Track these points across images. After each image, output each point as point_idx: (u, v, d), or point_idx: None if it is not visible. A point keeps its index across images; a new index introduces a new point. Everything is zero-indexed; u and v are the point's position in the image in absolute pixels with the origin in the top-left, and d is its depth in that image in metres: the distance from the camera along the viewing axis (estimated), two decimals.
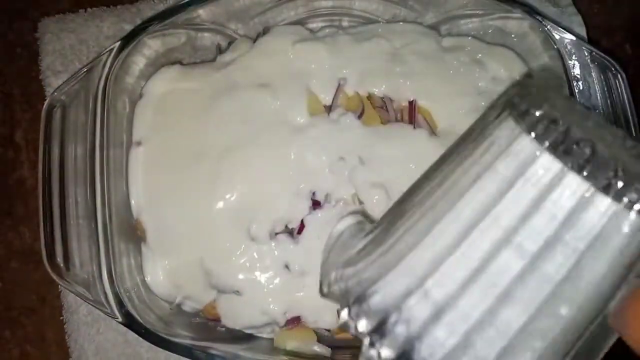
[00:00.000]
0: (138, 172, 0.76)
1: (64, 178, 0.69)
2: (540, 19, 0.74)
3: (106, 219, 0.68)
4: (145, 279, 0.74)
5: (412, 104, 0.78)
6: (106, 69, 0.70)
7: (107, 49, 0.71)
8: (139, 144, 0.77)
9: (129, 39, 0.72)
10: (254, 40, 0.82)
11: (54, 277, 0.66)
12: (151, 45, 0.77)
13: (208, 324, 0.75)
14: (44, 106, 0.70)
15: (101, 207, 0.68)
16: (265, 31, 0.82)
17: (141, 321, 0.66)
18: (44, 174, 0.68)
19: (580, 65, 0.73)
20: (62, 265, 0.67)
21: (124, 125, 0.76)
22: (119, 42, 0.71)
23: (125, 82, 0.76)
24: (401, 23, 0.83)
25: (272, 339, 0.75)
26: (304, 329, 0.74)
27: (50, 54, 0.87)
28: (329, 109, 0.78)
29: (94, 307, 0.67)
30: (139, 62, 0.77)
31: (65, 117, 0.70)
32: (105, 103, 0.70)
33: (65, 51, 0.87)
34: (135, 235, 0.76)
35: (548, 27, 0.74)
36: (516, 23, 0.78)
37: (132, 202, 0.76)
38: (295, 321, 0.73)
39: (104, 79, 0.70)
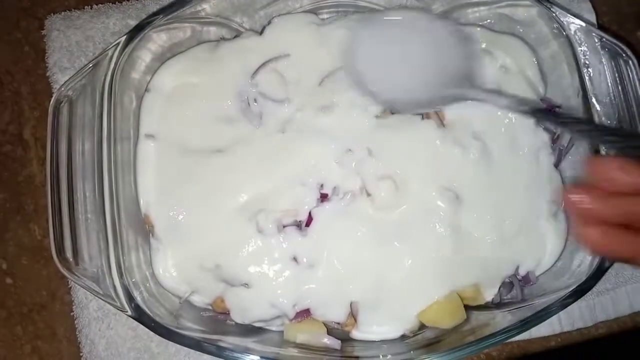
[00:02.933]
0: (146, 166, 0.76)
1: (71, 173, 0.69)
2: (548, 5, 0.73)
3: (114, 213, 0.68)
4: (155, 272, 0.75)
5: None
6: (112, 64, 0.70)
7: (113, 44, 0.71)
8: (147, 137, 0.77)
9: (135, 33, 0.72)
10: (260, 33, 0.81)
11: (64, 271, 0.66)
12: (156, 40, 0.76)
13: (217, 317, 0.75)
14: (51, 102, 0.70)
15: (109, 201, 0.68)
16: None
17: (150, 314, 0.66)
18: (52, 169, 0.68)
19: (590, 52, 0.72)
20: (71, 259, 0.67)
21: (131, 119, 0.76)
22: (124, 37, 0.71)
23: (131, 77, 0.76)
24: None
25: (281, 332, 0.75)
26: (313, 322, 0.74)
27: (57, 51, 0.87)
28: None
29: (104, 301, 0.67)
30: (144, 57, 0.77)
31: (73, 112, 0.70)
32: (112, 97, 0.70)
33: (71, 48, 0.87)
34: (144, 228, 0.76)
35: (556, 13, 0.73)
36: (524, 10, 0.77)
37: (140, 196, 0.76)
38: (304, 314, 0.73)
39: (110, 74, 0.70)
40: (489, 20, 0.81)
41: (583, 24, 0.72)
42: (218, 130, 0.76)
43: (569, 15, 0.72)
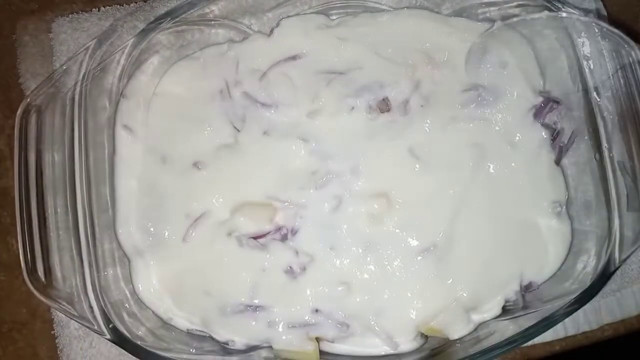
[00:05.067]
0: (126, 176, 0.73)
1: (42, 187, 0.65)
2: None
3: (87, 229, 0.65)
4: (135, 288, 0.71)
5: None
6: (82, 69, 0.66)
7: (83, 48, 0.67)
8: (127, 145, 0.73)
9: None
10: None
11: (36, 293, 0.62)
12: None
13: (200, 336, 0.71)
14: (18, 112, 0.65)
15: (82, 216, 0.65)
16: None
17: (129, 336, 0.63)
18: (21, 184, 0.64)
19: (590, 43, 0.68)
20: (43, 279, 0.63)
21: (106, 128, 0.72)
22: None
23: (105, 83, 0.71)
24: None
25: (270, 347, 0.71)
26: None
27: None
28: None
29: (80, 324, 0.63)
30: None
31: (41, 122, 0.66)
32: (83, 105, 0.67)
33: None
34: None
35: (553, 1, 0.68)
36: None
37: (119, 208, 0.72)
38: None
39: (80, 80, 0.66)
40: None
41: (582, 12, 0.68)
42: (203, 137, 0.73)
43: (566, 3, 0.68)
